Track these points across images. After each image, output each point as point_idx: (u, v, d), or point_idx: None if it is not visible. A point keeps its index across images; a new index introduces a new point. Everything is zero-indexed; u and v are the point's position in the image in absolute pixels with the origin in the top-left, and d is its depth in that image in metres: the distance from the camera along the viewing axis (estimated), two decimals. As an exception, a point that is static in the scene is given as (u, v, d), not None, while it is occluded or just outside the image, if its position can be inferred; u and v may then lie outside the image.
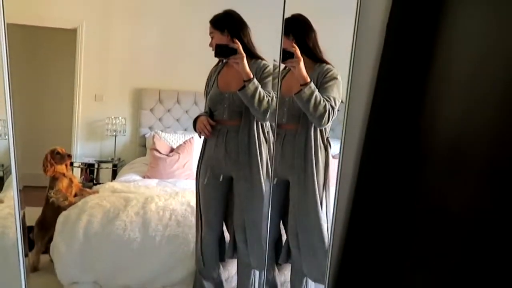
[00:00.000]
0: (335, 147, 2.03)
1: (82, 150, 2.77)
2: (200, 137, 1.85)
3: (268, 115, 1.70)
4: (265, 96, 1.68)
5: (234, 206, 1.84)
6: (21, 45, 2.38)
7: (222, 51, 1.69)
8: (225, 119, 1.77)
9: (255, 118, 1.73)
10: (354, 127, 1.21)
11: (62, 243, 1.96)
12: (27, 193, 2.23)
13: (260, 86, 1.68)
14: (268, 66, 1.74)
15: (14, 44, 1.33)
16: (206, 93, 1.85)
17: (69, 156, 2.32)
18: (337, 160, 1.51)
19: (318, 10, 1.72)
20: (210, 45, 1.75)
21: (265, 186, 1.76)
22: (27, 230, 1.69)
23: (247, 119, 1.74)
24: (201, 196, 1.86)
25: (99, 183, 2.62)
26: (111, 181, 2.54)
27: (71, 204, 2.19)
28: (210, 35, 1.75)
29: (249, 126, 1.74)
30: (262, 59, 1.76)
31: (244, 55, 1.66)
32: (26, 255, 1.69)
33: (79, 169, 2.71)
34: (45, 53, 2.79)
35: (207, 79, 1.85)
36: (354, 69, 1.19)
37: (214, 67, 1.84)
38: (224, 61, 1.80)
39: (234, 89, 1.72)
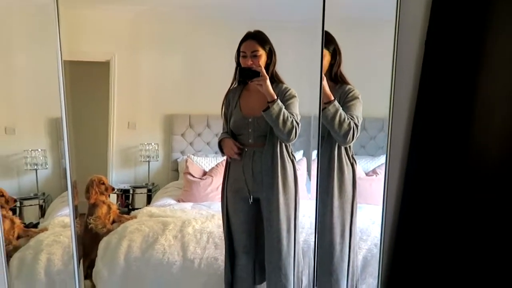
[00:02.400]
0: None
1: (117, 177, 2.84)
2: (229, 159, 1.86)
3: (292, 135, 1.72)
4: (289, 117, 1.70)
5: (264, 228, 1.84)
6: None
7: (246, 74, 1.71)
8: (250, 143, 1.80)
9: (278, 139, 1.75)
10: (397, 139, 1.22)
11: (104, 268, 2.01)
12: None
13: (284, 107, 1.71)
14: (289, 89, 1.77)
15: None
16: (226, 116, 1.86)
17: (113, 189, 2.42)
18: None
19: (356, 21, 1.75)
20: (250, 65, 1.72)
21: (284, 207, 1.76)
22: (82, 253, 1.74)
23: (271, 141, 1.76)
24: (231, 220, 1.87)
25: (135, 209, 2.67)
26: (147, 206, 2.59)
27: (109, 231, 2.24)
28: (252, 53, 1.73)
29: (272, 148, 1.76)
30: (283, 82, 1.78)
31: (267, 76, 1.69)
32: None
33: (115, 195, 2.77)
34: (80, 86, 2.91)
35: (225, 100, 1.86)
36: (396, 79, 1.21)
37: (232, 88, 1.85)
38: (243, 83, 1.80)
39: (258, 113, 1.74)
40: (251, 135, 1.77)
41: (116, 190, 2.69)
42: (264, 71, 1.70)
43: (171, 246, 2.01)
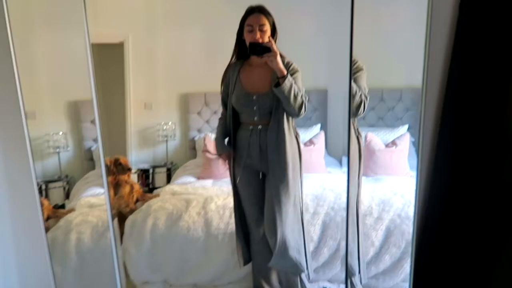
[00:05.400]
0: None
1: (137, 157, 2.89)
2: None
3: (302, 110, 1.71)
4: (299, 92, 1.69)
5: (265, 204, 1.87)
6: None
7: (256, 50, 1.68)
8: (256, 121, 1.80)
9: (284, 115, 1.75)
10: (429, 111, 1.20)
11: (131, 246, 2.07)
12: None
13: (294, 82, 1.69)
14: (292, 63, 1.74)
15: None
16: (224, 98, 1.86)
17: (130, 169, 2.45)
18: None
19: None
20: (257, 39, 1.69)
21: (292, 182, 1.79)
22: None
23: (276, 117, 1.76)
24: (241, 194, 1.91)
25: (156, 188, 2.73)
26: (167, 184, 2.64)
27: (132, 210, 2.30)
28: (259, 28, 1.69)
29: (278, 125, 1.76)
30: (285, 56, 1.74)
31: (278, 52, 1.67)
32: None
33: (136, 175, 2.83)
34: (96, 68, 2.91)
35: (225, 77, 1.84)
36: (430, 53, 1.18)
37: (231, 63, 1.82)
38: (244, 59, 1.79)
39: (262, 90, 1.74)
40: (257, 112, 1.77)
41: (134, 170, 2.74)
42: (275, 46, 1.67)
43: (195, 222, 2.06)
